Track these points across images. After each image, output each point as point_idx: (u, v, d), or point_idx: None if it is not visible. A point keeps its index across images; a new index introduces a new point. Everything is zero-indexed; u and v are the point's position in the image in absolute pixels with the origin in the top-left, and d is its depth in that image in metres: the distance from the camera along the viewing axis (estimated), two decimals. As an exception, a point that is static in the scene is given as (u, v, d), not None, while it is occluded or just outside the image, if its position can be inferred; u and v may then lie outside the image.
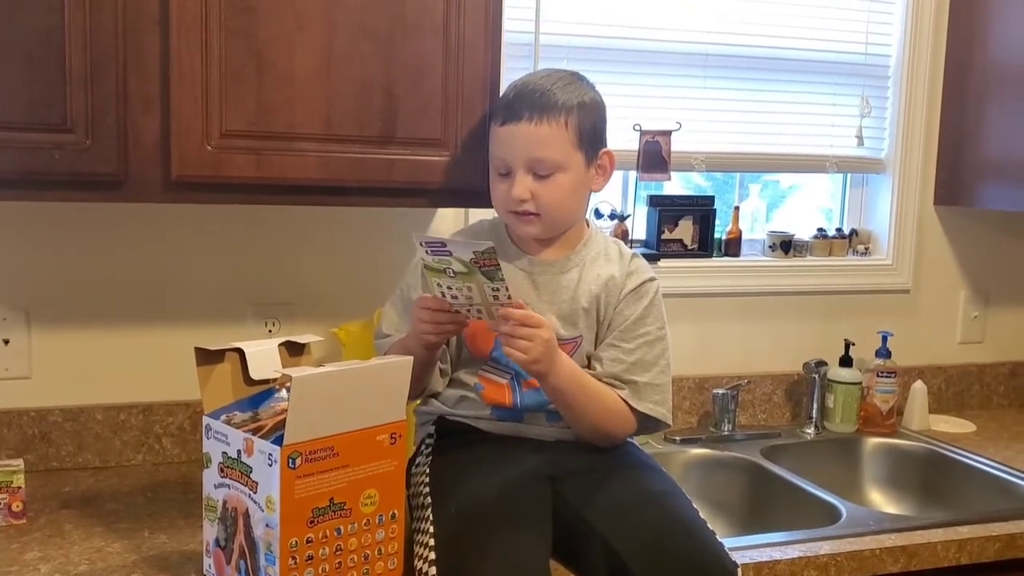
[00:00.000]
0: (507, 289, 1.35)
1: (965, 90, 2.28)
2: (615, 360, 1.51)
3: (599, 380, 1.50)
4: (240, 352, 1.37)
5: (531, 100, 1.45)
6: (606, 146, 1.54)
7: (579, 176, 1.49)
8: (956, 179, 2.31)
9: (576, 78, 1.51)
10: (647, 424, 1.53)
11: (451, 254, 1.32)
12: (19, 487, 1.51)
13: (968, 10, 2.26)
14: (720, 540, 1.36)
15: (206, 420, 1.30)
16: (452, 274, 1.35)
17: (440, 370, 1.53)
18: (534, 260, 1.54)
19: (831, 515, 1.73)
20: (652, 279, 1.56)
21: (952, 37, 2.30)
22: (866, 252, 2.36)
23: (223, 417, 1.28)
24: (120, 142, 1.43)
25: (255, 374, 1.37)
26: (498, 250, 1.30)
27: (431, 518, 1.38)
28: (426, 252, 1.34)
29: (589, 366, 1.53)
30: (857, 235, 2.37)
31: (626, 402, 1.50)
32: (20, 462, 1.55)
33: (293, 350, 1.44)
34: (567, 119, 1.45)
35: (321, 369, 1.24)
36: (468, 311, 1.40)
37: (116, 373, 1.81)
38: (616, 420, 1.50)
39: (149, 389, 1.82)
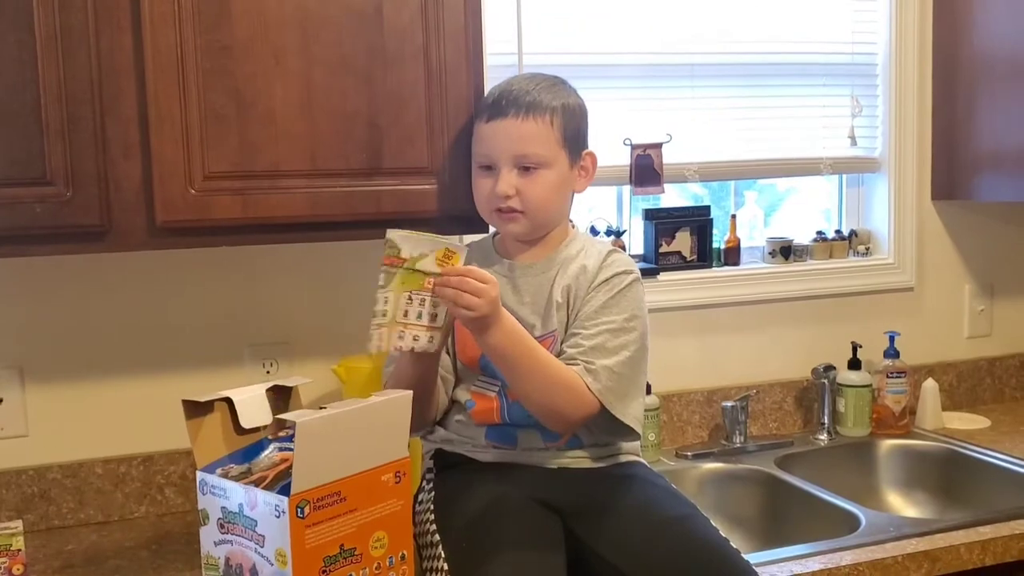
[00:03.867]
0: (384, 299, 1.34)
1: (954, 84, 2.26)
2: (573, 345, 1.45)
3: None
4: (229, 401, 1.34)
5: (517, 98, 1.45)
6: (588, 148, 1.53)
7: (563, 175, 1.49)
8: (952, 173, 2.29)
9: (559, 81, 1.52)
10: (612, 424, 1.45)
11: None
12: (19, 549, 1.48)
13: (952, 3, 2.25)
14: (745, 558, 1.33)
15: (201, 475, 1.27)
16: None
17: (442, 378, 1.50)
18: (514, 264, 1.53)
19: (850, 523, 1.70)
20: (627, 272, 1.50)
21: (938, 31, 2.29)
22: (867, 252, 2.33)
23: (219, 471, 1.25)
24: (102, 191, 1.41)
25: (245, 423, 1.34)
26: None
27: (443, 555, 1.34)
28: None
29: None
30: (857, 236, 2.35)
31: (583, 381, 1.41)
32: (19, 524, 1.51)
33: (282, 394, 1.41)
34: (552, 117, 1.46)
35: (323, 412, 1.21)
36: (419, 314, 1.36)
37: (114, 425, 1.78)
38: (568, 396, 1.40)
39: (149, 439, 1.79)
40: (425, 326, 1.36)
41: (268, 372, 1.84)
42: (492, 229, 1.61)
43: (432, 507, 1.44)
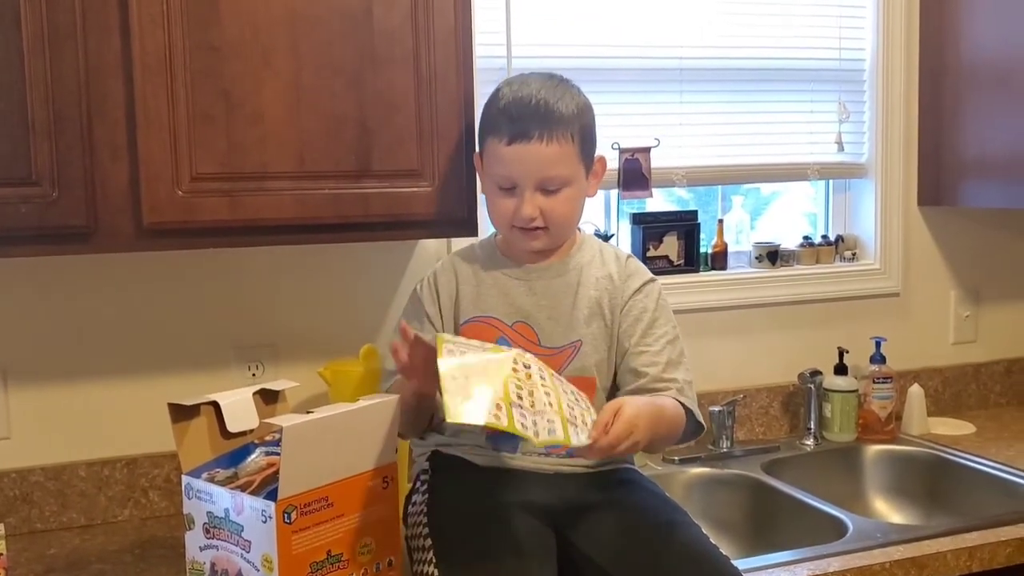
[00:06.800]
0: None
1: (941, 90, 2.27)
2: (650, 364, 1.48)
3: (646, 389, 1.46)
4: (215, 405, 1.33)
5: (538, 117, 1.42)
6: (597, 150, 1.53)
7: (582, 188, 1.50)
8: (938, 179, 2.30)
9: (563, 81, 1.49)
10: (688, 427, 1.49)
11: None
12: (0, 553, 1.46)
13: (938, 10, 2.26)
14: (736, 566, 1.33)
15: (186, 480, 1.26)
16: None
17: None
18: (529, 268, 1.52)
19: (837, 529, 1.70)
20: (653, 279, 1.55)
21: (924, 38, 2.30)
22: (853, 258, 2.34)
23: (204, 475, 1.24)
24: (88, 192, 1.40)
25: (232, 427, 1.33)
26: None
27: (433, 560, 1.33)
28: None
29: (614, 381, 1.51)
30: (843, 241, 2.36)
31: (679, 401, 1.46)
32: (0, 527, 1.49)
33: (268, 397, 1.40)
34: (572, 132, 1.44)
35: (310, 416, 1.20)
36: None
37: (98, 427, 1.76)
38: (678, 424, 1.45)
39: (133, 442, 1.77)
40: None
41: (254, 375, 1.83)
42: (491, 230, 1.60)
43: (425, 510, 1.43)
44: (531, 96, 1.44)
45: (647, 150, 2.04)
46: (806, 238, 2.31)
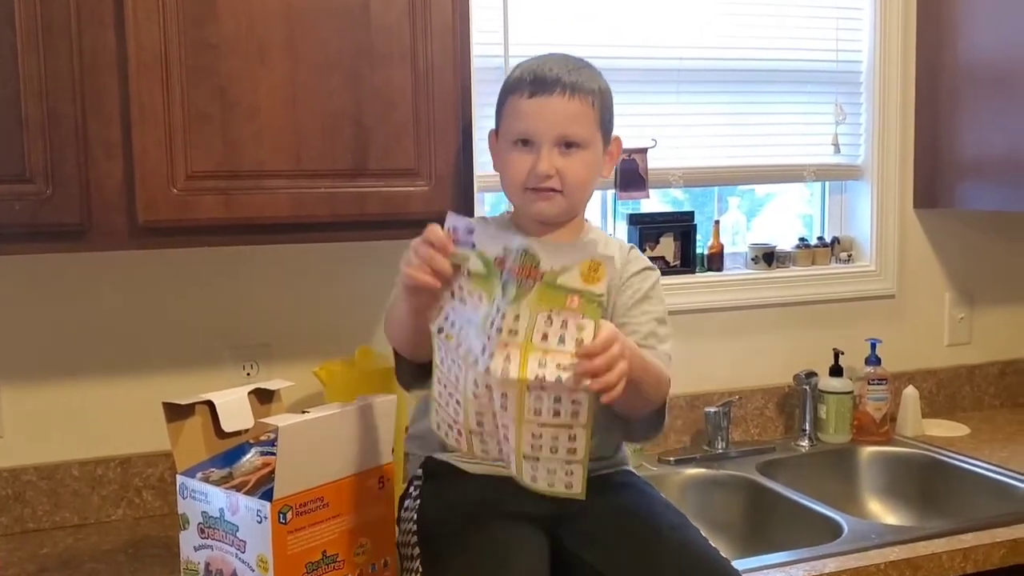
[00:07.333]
0: (515, 316, 1.05)
1: (937, 92, 2.27)
2: (631, 333, 1.40)
3: None
4: (210, 404, 1.32)
5: (562, 75, 1.40)
6: (612, 133, 1.51)
7: (599, 157, 1.46)
8: (934, 181, 2.30)
9: (589, 64, 1.48)
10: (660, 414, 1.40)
11: (474, 246, 1.09)
12: (-7, 553, 1.46)
13: (936, 12, 2.26)
14: (737, 568, 1.32)
15: (181, 479, 1.25)
16: (467, 273, 1.10)
17: None
18: (544, 242, 1.48)
19: (832, 530, 1.70)
20: (653, 268, 1.52)
21: (921, 40, 2.30)
22: (849, 259, 2.34)
23: (199, 475, 1.23)
24: (82, 190, 1.39)
25: (227, 426, 1.32)
26: (503, 236, 1.10)
27: (420, 570, 1.32)
28: (449, 231, 1.11)
29: None
30: (839, 243, 2.35)
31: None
32: (-7, 527, 1.49)
33: (263, 397, 1.39)
34: (594, 99, 1.42)
35: (305, 416, 1.20)
36: (458, 339, 1.10)
37: (91, 426, 1.75)
38: (662, 379, 1.33)
39: (126, 441, 1.76)
40: (570, 353, 1.08)
41: (248, 374, 1.82)
42: (507, 207, 1.57)
43: (415, 516, 1.41)
44: (555, 60, 1.43)
45: (644, 151, 2.04)
46: (802, 240, 2.31)
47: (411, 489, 1.49)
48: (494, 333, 1.06)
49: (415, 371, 1.33)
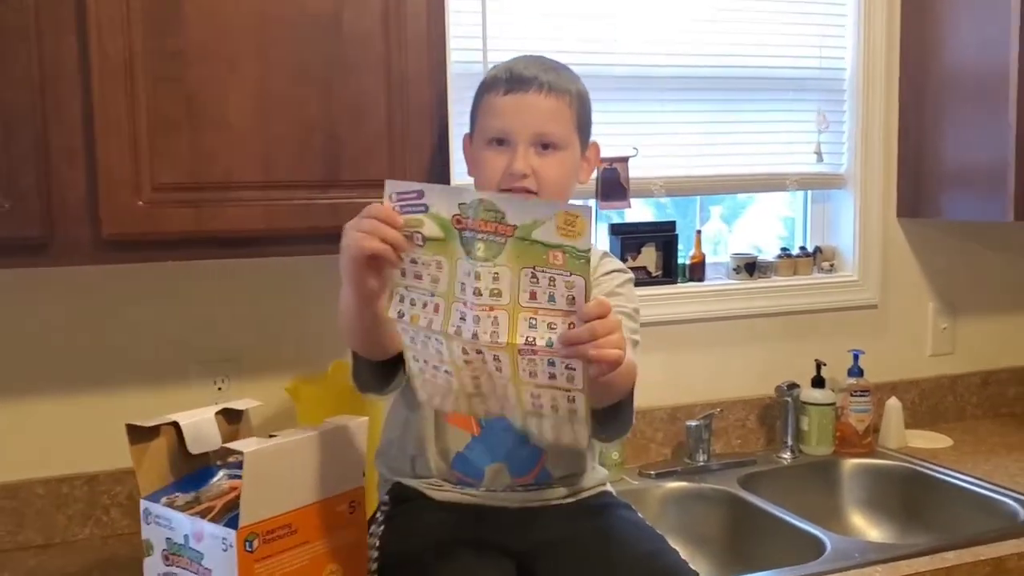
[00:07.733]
0: (493, 275, 0.99)
1: (922, 101, 2.25)
2: None
3: None
4: (176, 425, 1.27)
5: (539, 73, 1.37)
6: (590, 138, 1.47)
7: (576, 160, 1.42)
8: (918, 191, 2.28)
9: (566, 67, 1.44)
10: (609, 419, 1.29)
11: (426, 208, 1.01)
12: (-49, 578, 1.41)
13: (920, 20, 2.24)
14: None
15: (145, 504, 1.20)
16: (420, 241, 1.03)
17: None
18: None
19: (815, 547, 1.67)
20: (625, 271, 1.48)
21: (905, 48, 2.28)
22: (831, 269, 2.32)
23: (164, 500, 1.19)
24: (43, 202, 1.34)
25: (193, 448, 1.28)
26: (452, 192, 1.03)
27: None
28: (396, 206, 1.05)
29: None
30: (821, 252, 2.33)
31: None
32: (-49, 550, 1.44)
33: (231, 417, 1.35)
34: (571, 99, 1.39)
35: (273, 441, 1.15)
36: (425, 316, 1.03)
37: (56, 443, 1.70)
38: (632, 374, 1.21)
39: (93, 458, 1.71)
40: (563, 312, 1.01)
41: (220, 389, 1.78)
42: None
43: (378, 544, 1.37)
44: (532, 59, 1.40)
45: (625, 160, 2.01)
46: (784, 249, 2.29)
47: (377, 514, 1.45)
48: (471, 297, 1.01)
49: (372, 370, 1.28)
